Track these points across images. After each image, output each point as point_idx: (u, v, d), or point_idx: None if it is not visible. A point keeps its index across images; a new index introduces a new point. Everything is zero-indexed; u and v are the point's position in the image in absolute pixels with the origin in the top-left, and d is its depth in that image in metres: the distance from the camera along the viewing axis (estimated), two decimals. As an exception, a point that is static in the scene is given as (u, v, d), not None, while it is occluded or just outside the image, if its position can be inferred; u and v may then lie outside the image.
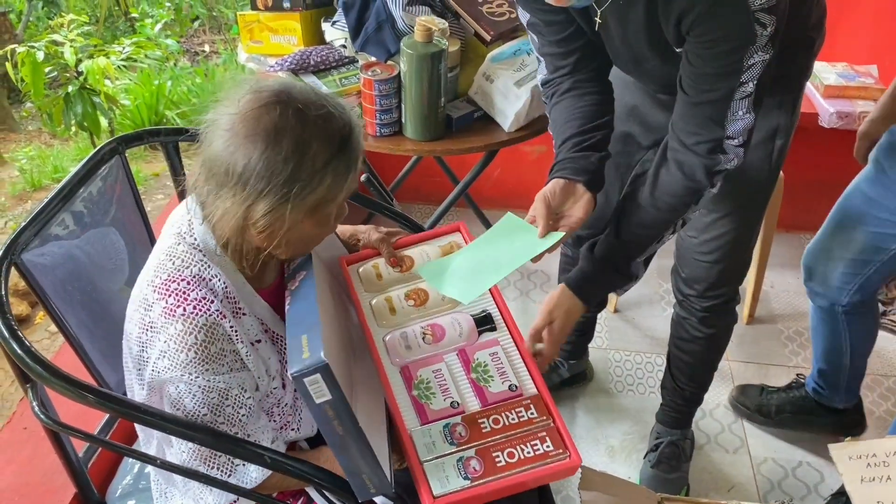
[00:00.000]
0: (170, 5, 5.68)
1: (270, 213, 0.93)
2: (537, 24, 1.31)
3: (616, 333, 2.33)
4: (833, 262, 1.62)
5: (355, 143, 0.96)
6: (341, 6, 1.76)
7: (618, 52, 1.29)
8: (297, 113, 0.92)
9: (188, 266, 0.99)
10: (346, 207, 1.05)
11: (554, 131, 1.35)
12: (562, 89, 1.34)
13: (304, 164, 0.92)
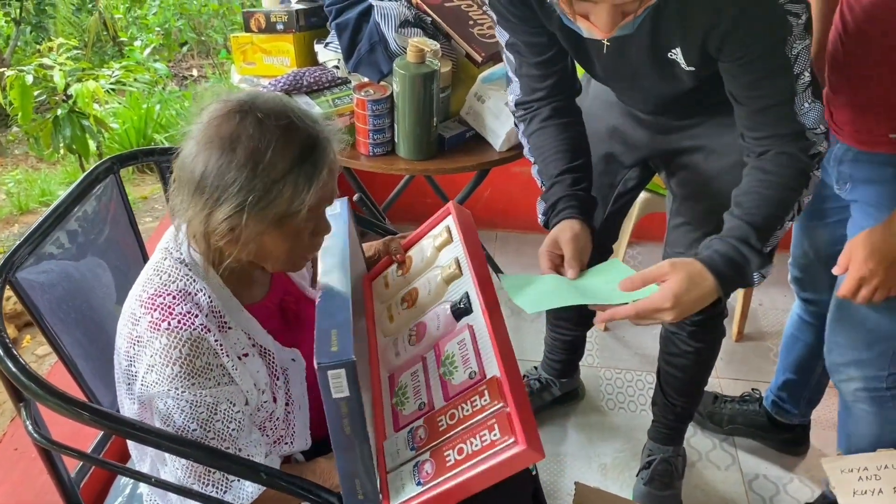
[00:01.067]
0: (159, 30, 5.71)
1: (227, 220, 0.93)
2: (517, 44, 1.31)
3: (606, 351, 2.34)
4: (814, 266, 1.64)
5: (320, 157, 0.95)
6: (334, 28, 1.78)
7: (612, 71, 1.31)
8: (255, 122, 0.92)
9: (174, 281, 1.00)
10: (327, 224, 1.05)
11: (538, 159, 1.35)
12: (542, 115, 1.34)
13: (258, 174, 0.92)
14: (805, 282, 1.70)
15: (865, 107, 1.32)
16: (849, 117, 1.35)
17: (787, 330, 1.85)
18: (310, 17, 1.84)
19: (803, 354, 1.81)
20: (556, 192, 1.30)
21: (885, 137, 1.30)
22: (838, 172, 1.42)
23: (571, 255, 1.19)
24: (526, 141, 1.38)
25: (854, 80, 1.32)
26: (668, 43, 1.16)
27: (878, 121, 1.31)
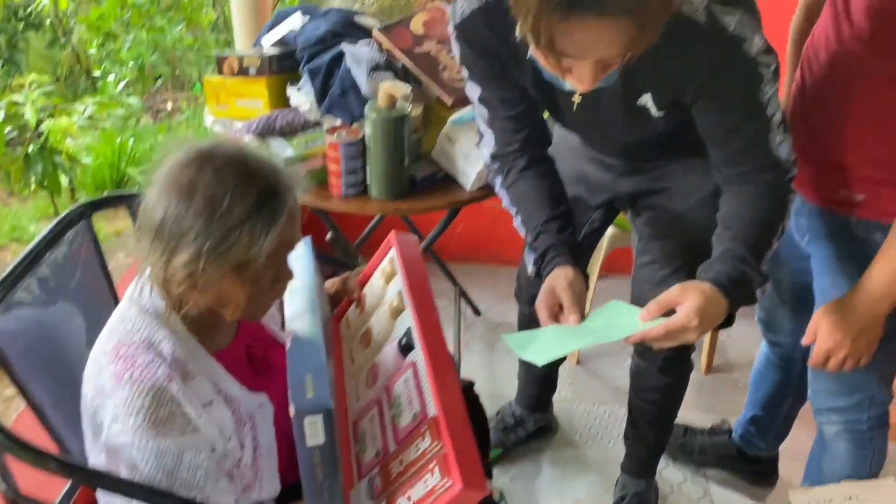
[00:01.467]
0: (133, 64, 5.71)
1: (185, 267, 0.95)
2: (490, 98, 1.32)
3: (580, 385, 2.36)
4: (778, 310, 1.68)
5: (278, 204, 0.96)
6: (307, 72, 1.81)
7: (583, 120, 1.33)
8: (214, 170, 0.94)
9: (138, 330, 1.01)
10: (289, 272, 1.06)
11: (521, 210, 1.36)
12: (519, 166, 1.35)
13: (215, 220, 0.93)
14: (770, 324, 1.73)
15: (822, 163, 1.34)
16: (806, 172, 1.37)
17: (756, 366, 1.88)
18: (282, 62, 1.87)
19: (770, 392, 1.84)
20: (545, 241, 1.30)
21: (839, 195, 1.33)
22: (797, 224, 1.45)
23: (571, 302, 1.19)
24: (505, 193, 1.38)
25: (812, 137, 1.35)
26: (640, 90, 1.19)
27: (833, 178, 1.33)
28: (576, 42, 0.95)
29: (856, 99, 1.24)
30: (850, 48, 1.20)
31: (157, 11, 6.28)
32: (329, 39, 1.82)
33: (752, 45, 1.08)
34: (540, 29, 0.93)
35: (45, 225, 3.63)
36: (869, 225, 1.31)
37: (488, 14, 1.18)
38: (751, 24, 1.08)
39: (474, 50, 1.25)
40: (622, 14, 0.90)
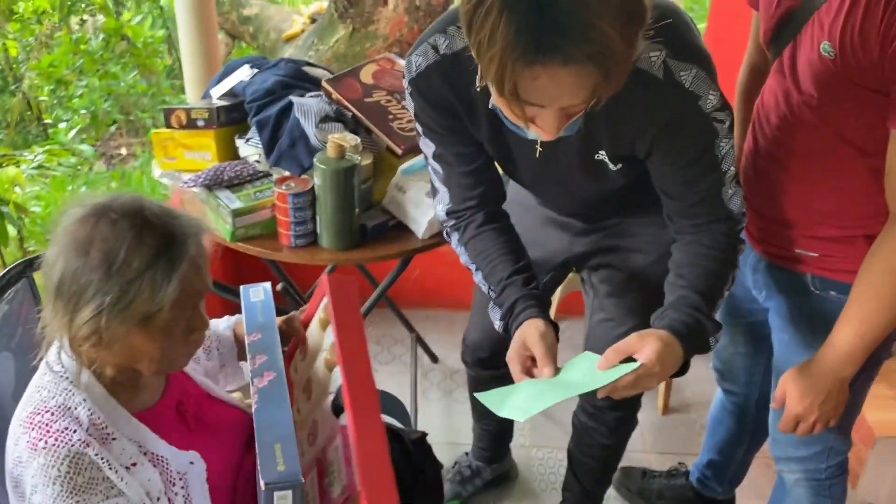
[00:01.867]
0: (85, 112, 5.65)
1: (87, 325, 0.94)
2: (445, 155, 1.30)
3: (538, 430, 2.35)
4: (733, 359, 1.70)
5: (177, 252, 0.96)
6: (255, 124, 1.80)
7: (541, 176, 1.32)
8: (109, 223, 0.94)
9: (53, 396, 0.99)
10: (202, 321, 1.04)
11: (482, 265, 1.32)
12: (476, 222, 1.33)
13: (112, 275, 0.93)
14: (725, 373, 1.74)
15: (776, 222, 1.36)
16: (760, 230, 1.40)
17: (711, 412, 1.90)
18: (231, 113, 1.86)
19: (726, 438, 1.85)
20: (511, 294, 1.27)
21: (793, 253, 1.35)
22: (754, 280, 1.46)
23: (543, 354, 1.16)
24: (463, 249, 1.36)
25: (765, 196, 1.36)
26: (597, 144, 1.20)
27: (787, 236, 1.35)
28: (540, 89, 0.94)
29: (807, 160, 1.26)
30: (799, 113, 1.22)
31: (111, 58, 6.25)
32: (278, 91, 1.82)
33: (707, 102, 1.10)
34: (504, 77, 0.92)
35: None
36: (824, 282, 1.33)
37: (444, 68, 1.18)
38: (706, 80, 1.10)
39: (430, 104, 1.23)
40: (587, 62, 0.90)
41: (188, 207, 1.85)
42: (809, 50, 1.15)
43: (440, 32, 1.17)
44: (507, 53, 0.90)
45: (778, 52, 1.24)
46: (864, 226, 1.26)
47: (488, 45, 0.90)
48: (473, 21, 0.92)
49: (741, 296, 1.55)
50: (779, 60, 1.24)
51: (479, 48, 0.93)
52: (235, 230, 1.72)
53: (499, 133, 1.22)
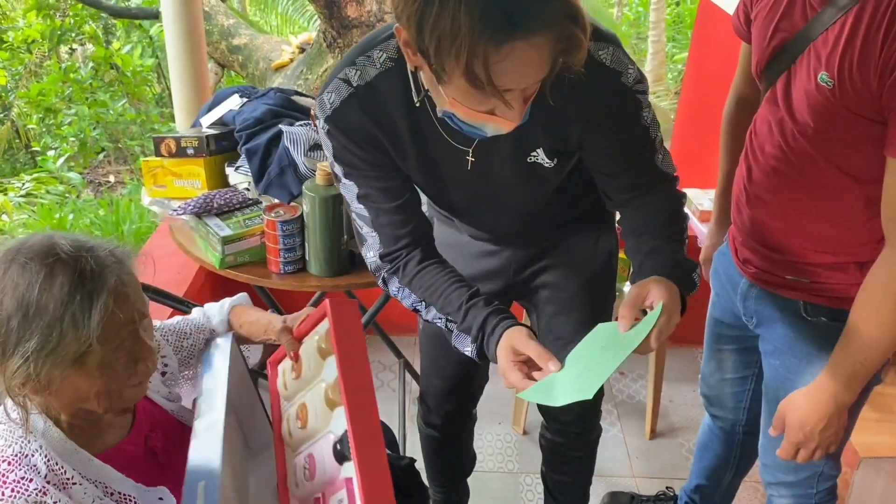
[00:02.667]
0: (74, 140, 5.67)
1: (18, 373, 0.90)
2: (370, 193, 1.23)
3: (525, 456, 2.35)
4: (720, 385, 1.70)
5: (95, 286, 0.91)
6: (244, 152, 1.83)
7: (473, 194, 1.30)
8: (20, 268, 0.90)
9: (9, 445, 0.95)
10: (146, 348, 0.99)
11: (432, 299, 1.24)
12: (415, 260, 1.25)
13: (30, 320, 0.89)
14: (712, 399, 1.74)
15: (768, 248, 1.36)
16: (752, 257, 1.40)
17: (699, 437, 1.90)
18: (220, 142, 1.89)
19: (714, 464, 1.86)
20: (478, 315, 1.19)
21: (784, 279, 1.35)
22: (744, 307, 1.47)
23: (540, 351, 1.08)
24: (408, 291, 1.26)
25: (758, 223, 1.36)
26: (532, 143, 1.19)
27: (780, 263, 1.35)
28: (511, 70, 0.92)
29: (801, 188, 1.27)
30: (793, 141, 1.24)
31: (100, 86, 6.29)
32: (267, 120, 1.85)
33: (628, 76, 1.13)
34: (476, 63, 0.89)
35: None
36: (816, 308, 1.34)
37: (359, 100, 1.14)
38: (623, 57, 1.12)
39: (350, 139, 1.17)
40: (563, 20, 0.89)
41: (177, 235, 1.87)
42: (806, 80, 1.17)
43: (349, 66, 1.14)
44: (477, 37, 0.87)
45: (771, 82, 1.26)
46: (856, 253, 1.27)
47: (452, 37, 0.88)
48: (425, 19, 0.89)
49: (730, 322, 1.56)
50: (772, 90, 1.26)
51: (441, 43, 0.89)
52: (225, 257, 1.73)
53: (425, 154, 1.20)
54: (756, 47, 1.29)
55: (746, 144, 1.36)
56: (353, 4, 3.57)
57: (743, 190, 1.37)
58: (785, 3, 1.21)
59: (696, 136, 3.40)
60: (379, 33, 1.15)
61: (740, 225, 1.40)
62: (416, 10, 0.89)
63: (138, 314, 0.97)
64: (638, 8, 9.10)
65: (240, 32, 4.45)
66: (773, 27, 1.23)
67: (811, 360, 1.32)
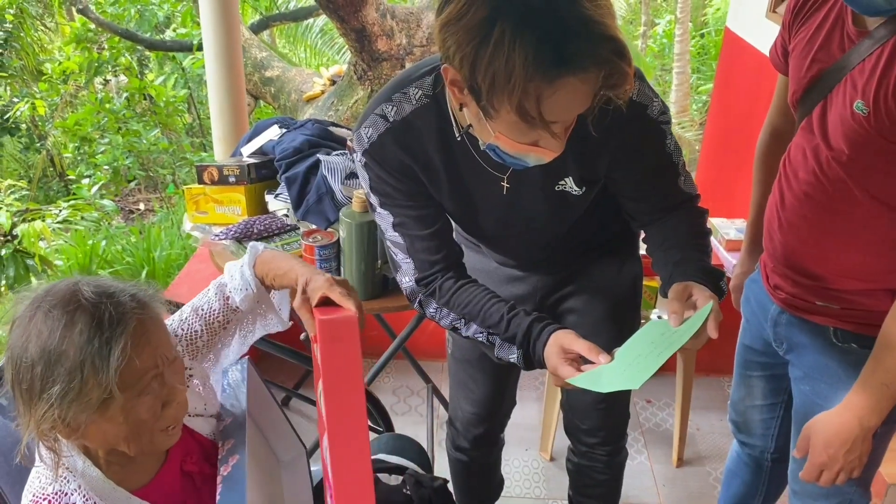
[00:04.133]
0: (107, 168, 5.81)
1: (45, 418, 0.91)
2: (405, 222, 1.27)
3: (554, 482, 2.36)
4: (749, 412, 1.71)
5: (113, 332, 0.91)
6: (284, 181, 1.90)
7: (504, 221, 1.33)
8: (43, 316, 0.91)
9: (50, 483, 0.96)
10: (172, 391, 0.98)
11: (472, 315, 1.28)
12: (450, 281, 1.29)
13: (52, 367, 0.90)
14: (741, 425, 1.75)
15: (799, 274, 1.36)
16: (782, 283, 1.41)
17: (727, 464, 1.90)
18: (260, 170, 1.96)
19: (741, 491, 1.85)
20: (522, 323, 1.22)
21: (815, 305, 1.36)
22: (774, 333, 1.48)
23: (589, 346, 1.12)
24: (446, 311, 1.30)
25: (789, 250, 1.36)
26: (561, 172, 1.24)
27: (810, 290, 1.35)
28: (560, 104, 0.95)
29: (834, 215, 1.28)
30: (827, 168, 1.26)
31: (133, 116, 6.45)
32: (305, 149, 1.92)
33: (653, 109, 1.19)
34: (528, 101, 0.93)
35: (16, 329, 3.50)
36: (846, 334, 1.35)
37: (395, 134, 1.18)
38: (647, 91, 1.18)
39: (387, 171, 1.22)
40: (612, 58, 0.92)
41: (218, 259, 1.93)
42: (842, 108, 1.20)
43: (386, 102, 1.18)
44: (530, 76, 0.91)
45: (807, 111, 1.29)
46: (887, 280, 1.28)
47: (506, 77, 0.91)
48: (478, 60, 0.93)
49: (759, 349, 1.58)
50: (808, 119, 1.29)
51: (494, 82, 0.93)
52: (263, 281, 1.79)
53: (458, 184, 1.24)
54: (793, 77, 1.32)
55: (780, 171, 1.39)
56: (383, 38, 3.67)
57: (776, 215, 1.39)
58: (823, 36, 1.25)
59: (721, 167, 3.43)
60: (413, 71, 1.21)
61: (771, 250, 1.41)
62: (471, 52, 0.94)
63: (162, 359, 0.97)
64: (662, 40, 9.18)
65: (272, 65, 4.57)
66: (810, 58, 1.26)
67: (841, 385, 1.33)
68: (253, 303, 1.21)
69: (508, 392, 1.72)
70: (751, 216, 1.66)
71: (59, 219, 4.22)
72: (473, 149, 1.19)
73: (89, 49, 6.24)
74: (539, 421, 2.51)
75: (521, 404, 1.79)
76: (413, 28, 3.72)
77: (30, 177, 6.93)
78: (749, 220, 1.67)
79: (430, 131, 1.19)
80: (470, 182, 1.25)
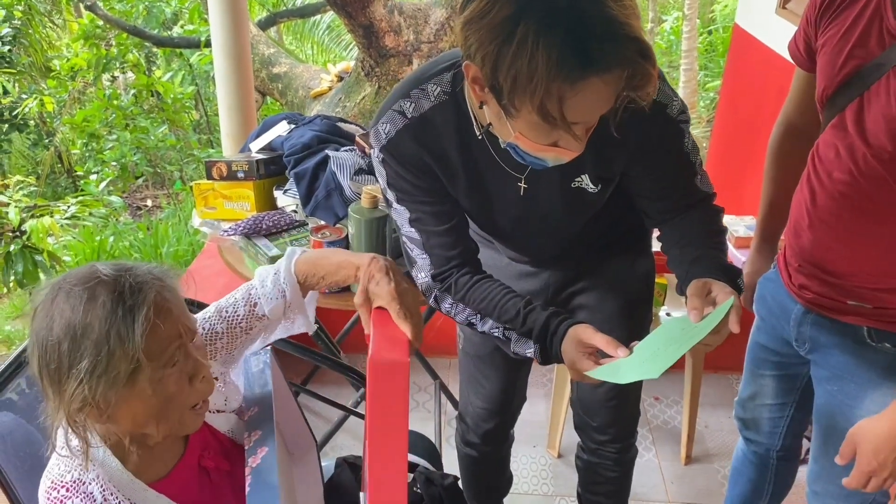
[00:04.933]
0: (115, 164, 5.83)
1: (75, 397, 0.91)
2: (421, 217, 1.27)
3: (561, 479, 2.36)
4: (758, 410, 1.70)
5: (134, 301, 0.93)
6: (293, 176, 1.90)
7: (520, 220, 1.33)
8: (64, 295, 0.93)
9: (69, 471, 0.97)
10: (199, 364, 1.00)
11: (488, 310, 1.29)
12: (466, 276, 1.29)
13: (78, 342, 0.91)
14: (748, 422, 1.74)
15: (828, 274, 1.35)
16: (809, 283, 1.39)
17: (733, 462, 1.89)
18: (269, 166, 1.96)
19: (747, 490, 1.85)
20: (539, 317, 1.23)
21: (846, 305, 1.34)
22: (798, 332, 1.45)
23: (608, 340, 1.12)
24: (461, 306, 1.31)
25: (819, 249, 1.34)
26: (578, 170, 1.23)
27: (840, 289, 1.33)
28: (583, 105, 0.95)
29: (869, 213, 1.26)
30: (864, 166, 1.23)
31: (140, 112, 6.47)
32: (314, 145, 1.92)
33: (673, 108, 1.18)
34: (550, 102, 0.92)
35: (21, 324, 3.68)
36: (880, 334, 1.33)
37: (413, 130, 1.19)
38: (667, 90, 1.17)
39: (405, 167, 1.22)
40: (636, 58, 0.92)
41: (226, 255, 1.93)
42: (885, 105, 1.18)
43: (404, 98, 1.18)
44: (553, 77, 0.90)
45: (839, 108, 1.26)
46: None
47: (528, 76, 0.90)
48: (501, 59, 0.92)
49: (774, 348, 1.56)
50: (840, 116, 1.26)
51: (516, 82, 0.93)
52: (272, 276, 1.79)
53: (476, 181, 1.24)
54: (824, 74, 1.29)
55: (808, 169, 1.36)
56: (390, 34, 3.66)
57: (805, 214, 1.36)
58: (859, 32, 1.22)
59: (729, 164, 3.42)
60: (431, 67, 1.20)
61: (798, 249, 1.39)
62: (493, 50, 0.93)
63: (185, 329, 0.98)
64: (670, 37, 9.15)
65: (280, 61, 4.57)
66: (846, 54, 1.24)
67: (873, 386, 1.32)
68: (281, 312, 1.20)
69: (519, 388, 1.72)
70: (761, 214, 1.64)
71: (68, 215, 4.23)
72: (492, 147, 1.19)
73: (97, 46, 6.26)
74: (547, 418, 2.51)
75: (528, 401, 1.79)
76: (421, 24, 3.72)
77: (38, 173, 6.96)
78: (759, 218, 1.65)
79: (449, 128, 1.18)
80: (487, 180, 1.25)
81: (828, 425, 1.40)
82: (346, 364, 1.77)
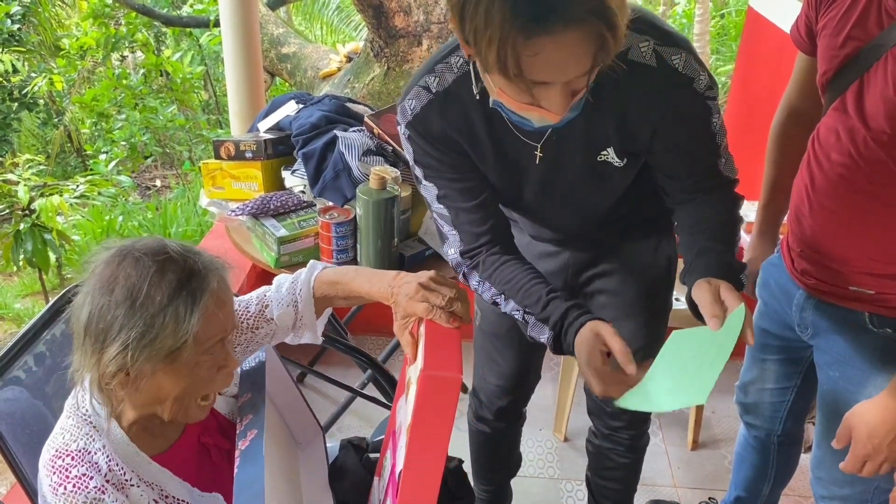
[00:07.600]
0: (125, 144, 5.82)
1: (114, 361, 0.93)
2: (450, 194, 1.27)
3: (567, 462, 2.36)
4: (759, 394, 1.70)
5: (199, 284, 0.96)
6: (301, 157, 1.88)
7: (544, 192, 1.31)
8: (133, 261, 0.95)
9: (75, 440, 0.99)
10: (231, 358, 1.03)
11: (512, 292, 1.28)
12: (494, 255, 1.29)
13: (137, 309, 0.93)
14: (749, 406, 1.74)
15: (829, 259, 1.34)
16: (811, 268, 1.38)
17: (736, 448, 1.89)
18: (277, 146, 1.95)
19: (751, 475, 1.85)
20: (559, 306, 1.22)
21: (847, 290, 1.33)
22: (800, 318, 1.45)
23: (624, 350, 1.09)
24: (488, 285, 1.30)
25: (819, 234, 1.34)
26: (603, 142, 1.21)
27: (842, 275, 1.33)
28: (545, 63, 0.93)
29: (869, 197, 1.25)
30: (864, 149, 1.22)
31: (149, 92, 6.45)
32: (323, 125, 1.91)
33: (700, 82, 1.14)
34: (507, 55, 0.91)
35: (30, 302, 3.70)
36: (882, 319, 1.32)
37: (439, 105, 1.19)
38: (695, 63, 1.14)
39: (431, 143, 1.22)
40: (589, 17, 0.89)
41: (234, 235, 1.93)
42: (883, 86, 1.17)
43: (428, 73, 1.19)
44: (507, 29, 0.89)
45: (839, 90, 1.25)
46: None
47: (485, 28, 0.90)
48: (465, 11, 0.92)
49: (777, 333, 1.56)
50: (840, 99, 1.25)
51: (476, 35, 0.93)
52: (280, 257, 1.79)
53: (502, 152, 1.23)
54: (824, 57, 1.28)
55: (809, 153, 1.35)
56: (400, 15, 3.63)
57: (805, 199, 1.35)
58: (858, 13, 1.21)
59: (742, 148, 3.37)
60: (455, 40, 1.18)
61: (799, 234, 1.38)
62: (457, 4, 0.94)
63: (229, 324, 1.02)
64: (682, 20, 9.05)
65: (289, 41, 4.54)
66: (844, 35, 1.22)
67: (874, 371, 1.31)
68: (290, 320, 1.23)
69: (534, 367, 1.71)
70: (763, 199, 1.62)
71: (77, 194, 4.24)
72: (506, 114, 1.15)
73: (106, 25, 6.23)
74: (554, 401, 2.50)
75: (541, 381, 1.78)
76: (431, 5, 3.68)
77: (48, 152, 6.97)
78: (761, 203, 1.63)
79: (473, 99, 1.17)
80: (508, 149, 1.23)
81: (831, 411, 1.39)
82: (354, 346, 1.77)
